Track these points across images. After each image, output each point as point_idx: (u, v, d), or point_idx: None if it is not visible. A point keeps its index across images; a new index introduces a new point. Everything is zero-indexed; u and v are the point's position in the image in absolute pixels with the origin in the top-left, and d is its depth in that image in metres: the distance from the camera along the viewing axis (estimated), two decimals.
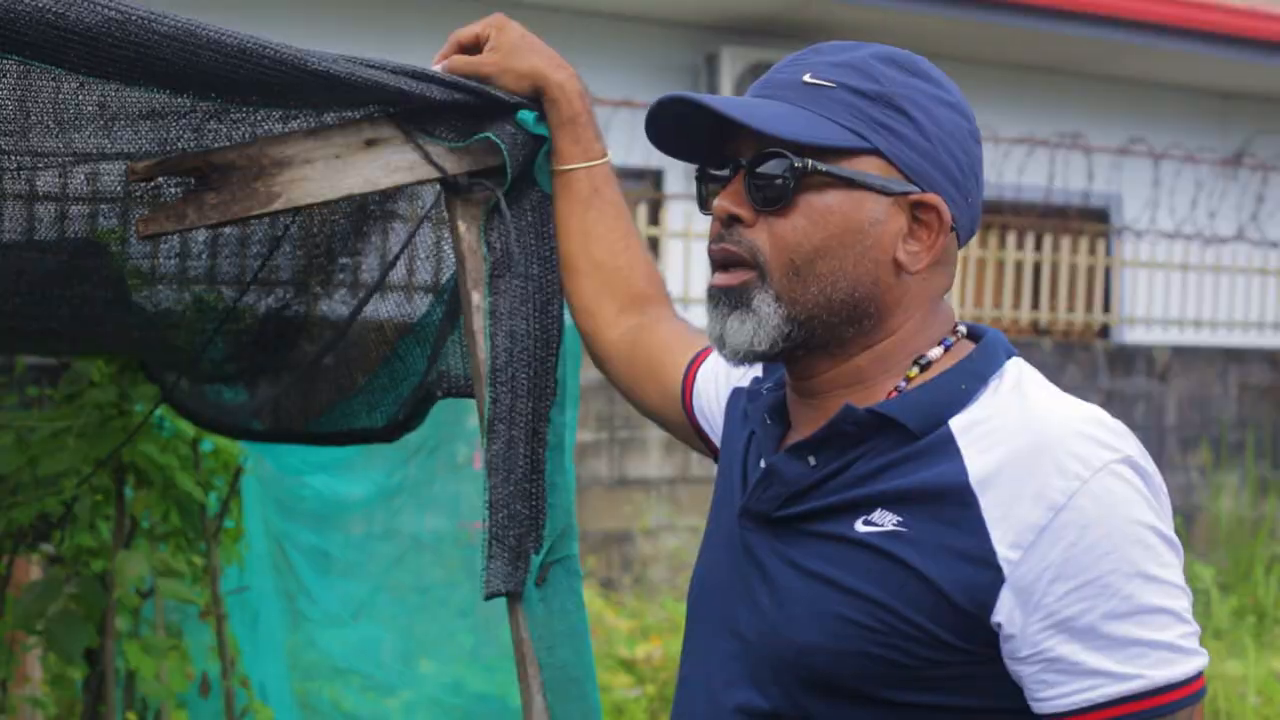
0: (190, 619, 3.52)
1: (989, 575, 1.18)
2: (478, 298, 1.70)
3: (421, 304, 2.09)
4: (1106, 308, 9.48)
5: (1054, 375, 8.17)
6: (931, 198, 1.27)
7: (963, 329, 1.34)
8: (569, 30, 8.23)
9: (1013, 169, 9.10)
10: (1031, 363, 1.32)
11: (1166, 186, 9.51)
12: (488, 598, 1.67)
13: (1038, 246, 8.85)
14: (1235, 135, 10.21)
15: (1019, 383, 1.26)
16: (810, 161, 1.25)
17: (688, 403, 1.62)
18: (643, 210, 7.87)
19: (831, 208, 1.26)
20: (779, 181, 1.26)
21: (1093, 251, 9.13)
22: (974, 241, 8.45)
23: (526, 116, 1.65)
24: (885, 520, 1.23)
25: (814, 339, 1.29)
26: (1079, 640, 1.16)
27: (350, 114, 1.60)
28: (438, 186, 1.78)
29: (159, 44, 1.35)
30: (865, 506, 1.24)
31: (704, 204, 1.36)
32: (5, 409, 3.13)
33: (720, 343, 1.31)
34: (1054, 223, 9.05)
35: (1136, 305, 9.46)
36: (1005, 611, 1.18)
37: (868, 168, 1.26)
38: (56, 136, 1.51)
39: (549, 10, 8.03)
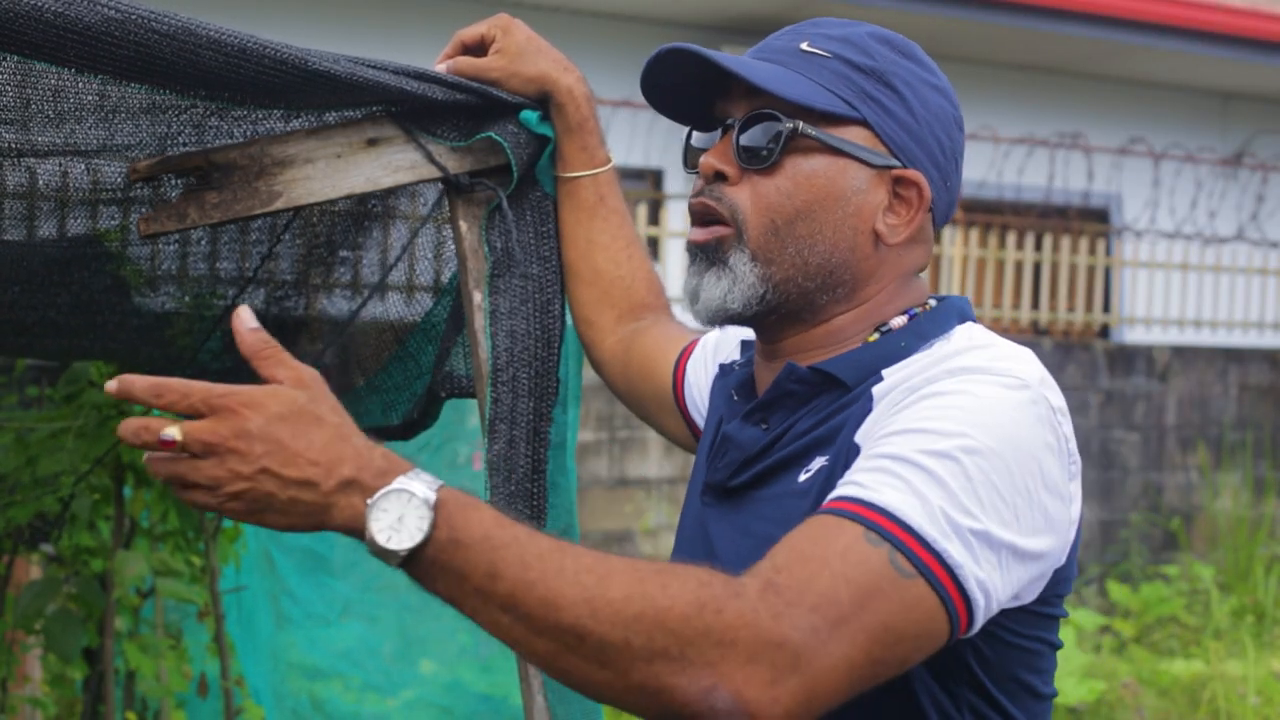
0: (189, 619, 3.52)
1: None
2: (479, 297, 1.70)
3: (428, 302, 2.09)
4: (1106, 308, 9.48)
5: (1054, 375, 8.14)
6: (913, 174, 1.29)
7: (932, 302, 1.35)
8: (569, 30, 8.22)
9: (1013, 169, 9.09)
10: None
11: (1166, 186, 9.51)
12: None
13: (1038, 246, 8.84)
14: (1235, 135, 10.21)
15: (967, 337, 1.27)
16: (799, 123, 1.27)
17: (680, 396, 1.63)
18: (643, 210, 7.86)
19: (816, 172, 1.28)
20: (767, 142, 1.28)
21: (1093, 251, 9.13)
22: (974, 241, 8.45)
23: (529, 116, 1.65)
24: (816, 463, 1.24)
25: (787, 303, 1.31)
26: (862, 462, 1.14)
27: (352, 113, 1.60)
28: (439, 186, 1.78)
29: (159, 43, 1.34)
30: (805, 456, 1.25)
31: (689, 162, 1.38)
32: (5, 409, 3.13)
33: (694, 298, 1.33)
34: (1054, 223, 9.05)
35: (1136, 305, 9.46)
36: None
37: (854, 137, 1.29)
38: (57, 129, 1.51)
39: (549, 10, 8.03)
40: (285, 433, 1.07)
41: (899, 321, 1.32)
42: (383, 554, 1.07)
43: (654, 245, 8.11)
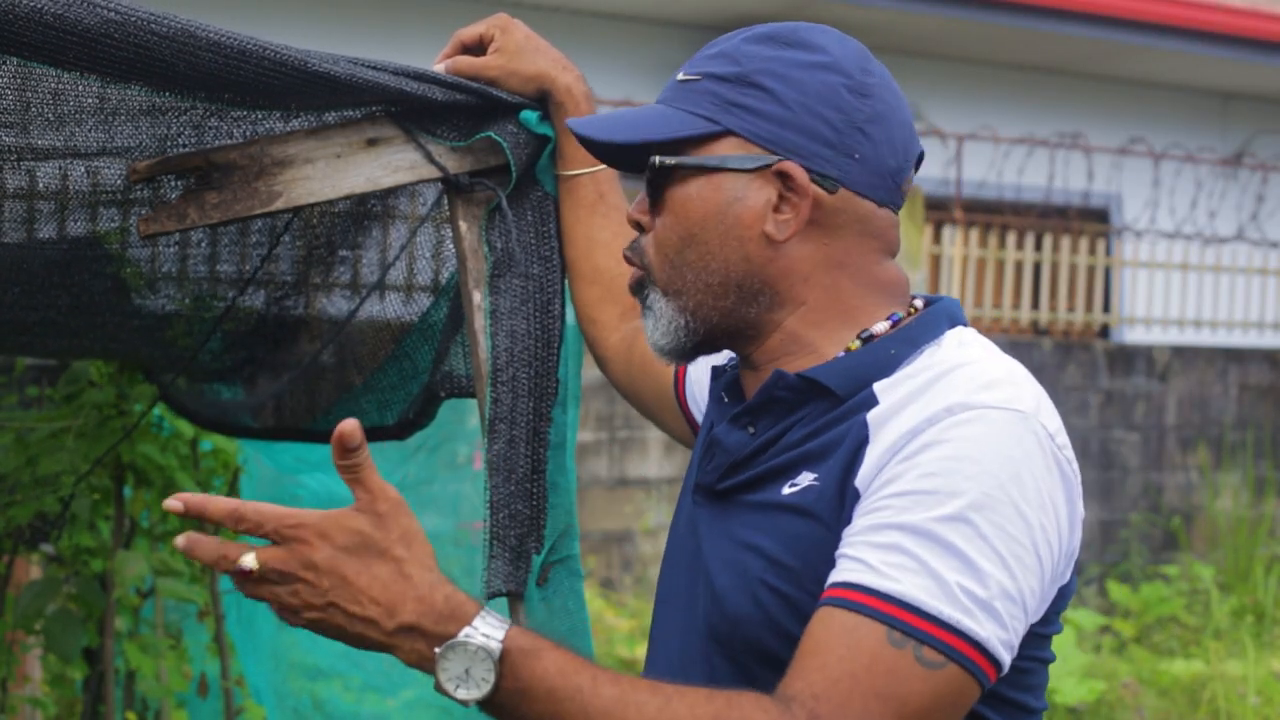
0: (189, 619, 3.52)
1: (851, 514, 1.19)
2: (479, 297, 1.70)
3: (426, 302, 2.09)
4: (1106, 308, 9.48)
5: (1054, 375, 8.19)
6: (787, 165, 1.27)
7: (918, 303, 1.34)
8: (569, 30, 8.22)
9: (1013, 169, 9.10)
10: (1031, 363, 1.33)
11: (1166, 186, 9.51)
12: (489, 598, 1.67)
13: (1038, 246, 8.84)
14: (1235, 135, 10.21)
15: (959, 346, 1.26)
16: (658, 158, 1.30)
17: (681, 396, 1.63)
18: None
19: (690, 196, 1.30)
20: (654, 185, 1.32)
21: (1093, 251, 9.13)
22: (974, 241, 8.45)
23: (529, 116, 1.65)
24: (805, 479, 1.24)
25: (718, 327, 1.32)
26: (868, 533, 1.15)
27: (351, 113, 1.60)
28: (439, 185, 1.78)
29: (158, 45, 1.34)
30: (793, 468, 1.26)
31: None
32: (5, 409, 3.13)
33: (649, 341, 1.37)
34: (1054, 223, 9.05)
35: (1136, 305, 9.46)
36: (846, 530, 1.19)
37: (724, 149, 1.29)
38: (56, 131, 1.51)
39: (549, 10, 8.03)
40: (350, 568, 1.13)
41: (881, 327, 1.30)
42: (451, 698, 1.13)
43: None
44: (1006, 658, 1.13)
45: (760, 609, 1.23)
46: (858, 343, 1.29)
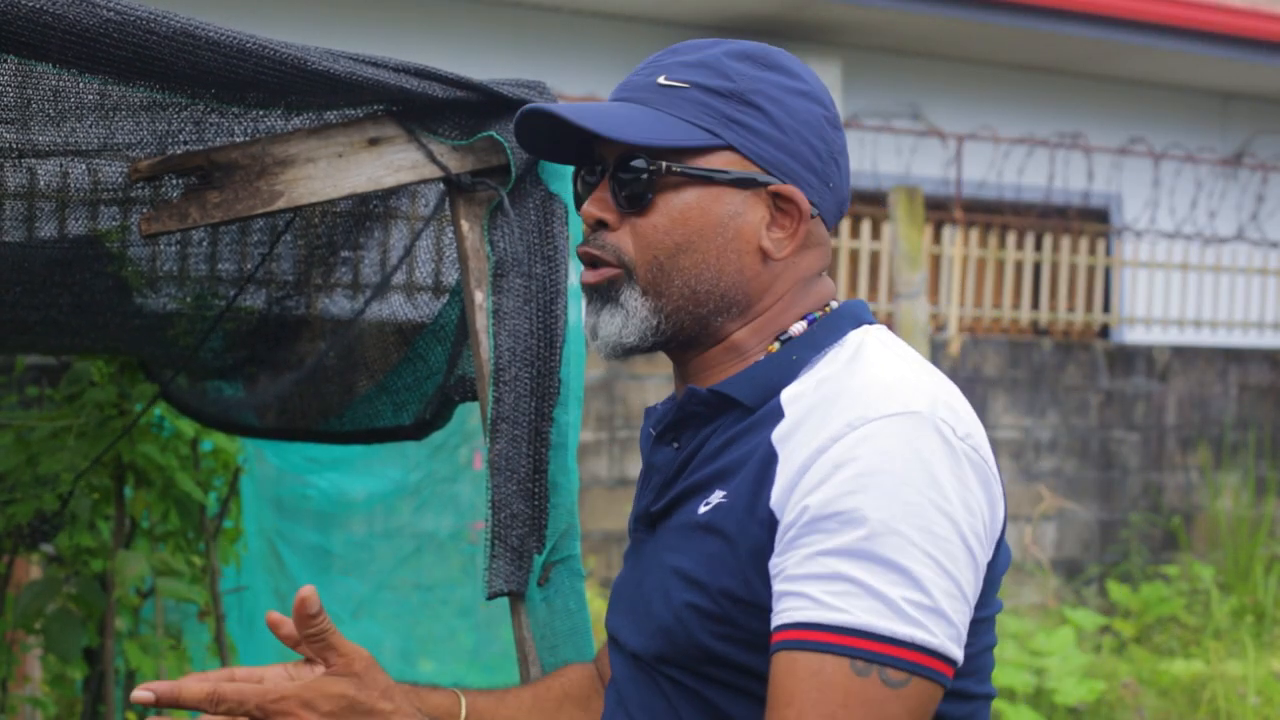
0: (189, 619, 3.51)
1: (766, 535, 1.21)
2: (481, 297, 1.70)
3: (438, 303, 2.09)
4: (1106, 308, 9.48)
5: (1054, 375, 8.20)
6: (787, 189, 1.31)
7: (834, 304, 1.37)
8: (568, 30, 8.23)
9: (1013, 169, 9.09)
10: (1031, 363, 1.33)
11: (1166, 186, 9.51)
12: (490, 597, 1.67)
13: (1038, 246, 8.84)
14: (1235, 135, 10.21)
15: (857, 350, 1.29)
16: (664, 163, 1.30)
17: None
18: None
19: (690, 205, 1.31)
20: (639, 185, 1.31)
21: (1093, 251, 9.13)
22: (974, 241, 8.45)
23: None
24: (715, 497, 1.26)
25: (683, 331, 1.34)
26: (804, 565, 1.17)
27: (353, 112, 1.60)
28: (441, 186, 1.78)
29: (158, 45, 1.34)
30: (707, 486, 1.28)
31: (579, 204, 1.40)
32: (5, 409, 3.13)
33: (593, 335, 1.36)
34: (1054, 223, 9.05)
35: (1136, 305, 9.46)
36: (774, 559, 1.20)
37: (723, 163, 1.31)
38: (57, 128, 1.51)
39: (549, 10, 8.03)
40: None
41: (798, 328, 1.34)
42: None
43: None
44: (960, 653, 1.17)
45: (683, 625, 1.25)
46: (777, 344, 1.34)
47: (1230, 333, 9.42)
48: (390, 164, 1.62)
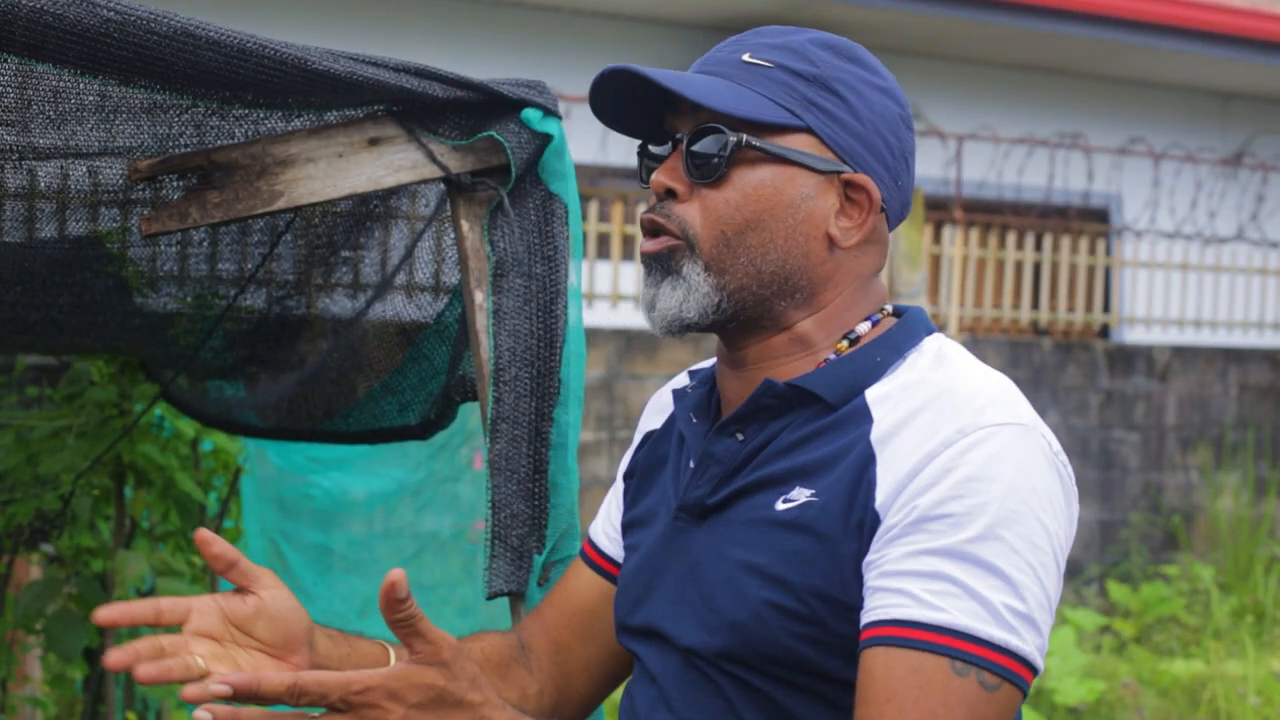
0: None
1: (866, 536, 1.20)
2: (481, 297, 1.70)
3: (440, 303, 2.09)
4: (1106, 308, 9.48)
5: (1054, 375, 8.19)
6: (861, 178, 1.31)
7: (889, 307, 1.37)
8: (568, 30, 8.22)
9: (1013, 169, 9.10)
10: (1031, 363, 1.34)
11: (1166, 186, 9.51)
12: (490, 597, 1.67)
13: (1038, 246, 8.84)
14: (1235, 135, 10.21)
15: (938, 354, 1.30)
16: (744, 136, 1.29)
17: (611, 569, 1.52)
18: (641, 210, 7.86)
19: (764, 182, 1.30)
20: (713, 156, 1.30)
21: (1093, 251, 9.13)
22: (974, 241, 8.45)
23: (531, 114, 1.65)
24: (800, 495, 1.25)
25: (745, 311, 1.32)
26: (905, 561, 1.17)
27: (353, 112, 1.60)
28: (442, 186, 1.78)
29: (159, 45, 1.34)
30: (785, 482, 1.27)
31: (644, 177, 1.39)
32: (5, 409, 3.13)
33: (650, 307, 1.34)
34: (1054, 223, 9.05)
35: (1136, 305, 9.46)
36: (870, 555, 1.20)
37: (800, 145, 1.30)
38: (58, 130, 1.51)
39: (549, 10, 8.02)
40: None
41: (864, 328, 1.34)
42: None
43: None
44: (1042, 664, 1.19)
45: (763, 623, 1.24)
46: (845, 344, 1.33)
47: (1230, 333, 9.42)
48: (390, 164, 1.62)
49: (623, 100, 1.35)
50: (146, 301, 2.23)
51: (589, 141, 8.12)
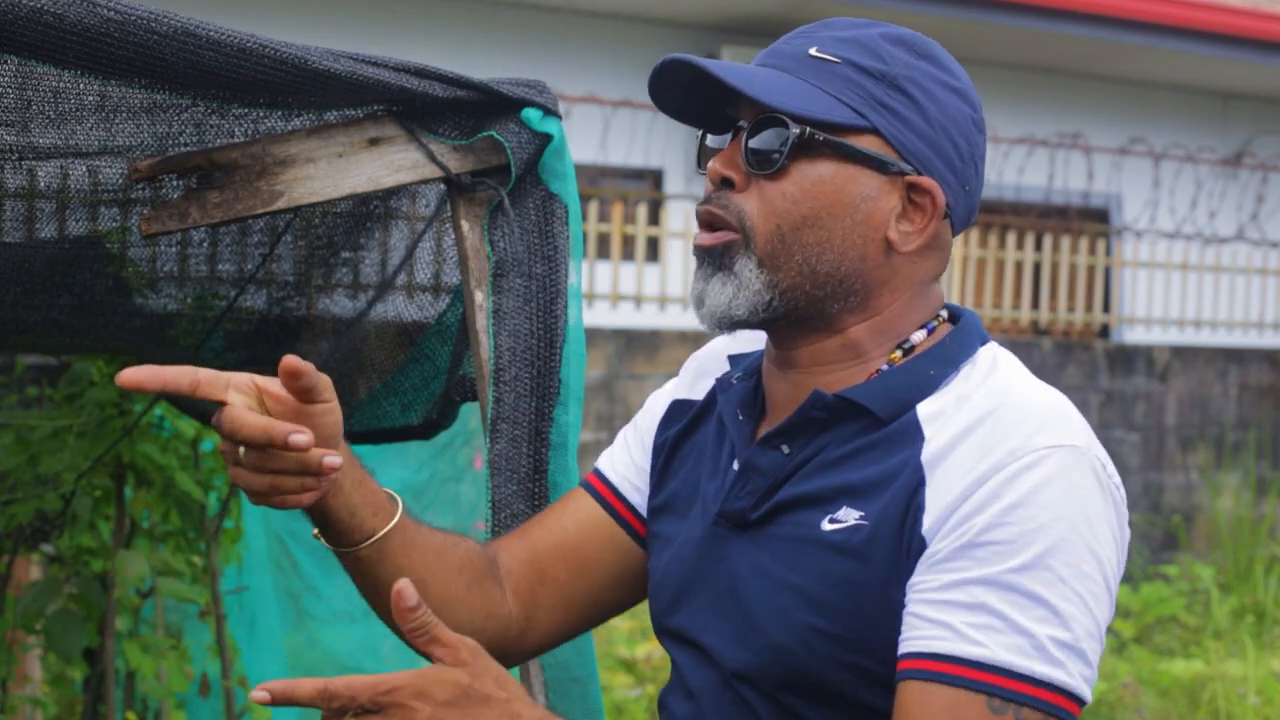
0: (190, 619, 3.51)
1: (913, 562, 1.18)
2: (481, 297, 1.70)
3: (440, 304, 2.09)
4: (1106, 308, 9.48)
5: (1054, 375, 8.19)
6: (926, 181, 1.26)
7: (944, 313, 1.33)
8: (569, 30, 8.22)
9: (1013, 169, 9.10)
10: (1031, 363, 1.32)
11: (1166, 186, 9.51)
12: None
13: (1038, 246, 8.85)
14: (1235, 135, 10.21)
15: (992, 367, 1.26)
16: (806, 129, 1.24)
17: (623, 511, 1.48)
18: (643, 210, 7.86)
19: (824, 178, 1.25)
20: (774, 148, 1.26)
21: (1093, 251, 9.13)
22: (974, 241, 8.45)
23: (531, 114, 1.65)
24: (849, 516, 1.22)
25: (796, 311, 1.28)
26: (947, 591, 1.15)
27: (353, 112, 1.60)
28: (442, 186, 1.78)
29: (159, 44, 1.34)
30: (832, 500, 1.23)
31: (701, 163, 1.35)
32: (5, 408, 3.13)
33: (700, 302, 1.30)
34: (1054, 223, 9.05)
35: (1136, 305, 9.46)
36: (913, 578, 1.18)
37: (865, 143, 1.26)
38: (57, 129, 1.51)
39: (549, 10, 8.02)
40: None
41: (919, 336, 1.30)
42: None
43: (654, 245, 8.10)
44: (1090, 695, 1.16)
45: (806, 648, 1.22)
46: (899, 353, 1.29)
47: (1230, 333, 9.42)
48: (390, 164, 1.62)
49: (682, 90, 1.32)
50: (146, 302, 2.23)
51: (589, 141, 8.12)
